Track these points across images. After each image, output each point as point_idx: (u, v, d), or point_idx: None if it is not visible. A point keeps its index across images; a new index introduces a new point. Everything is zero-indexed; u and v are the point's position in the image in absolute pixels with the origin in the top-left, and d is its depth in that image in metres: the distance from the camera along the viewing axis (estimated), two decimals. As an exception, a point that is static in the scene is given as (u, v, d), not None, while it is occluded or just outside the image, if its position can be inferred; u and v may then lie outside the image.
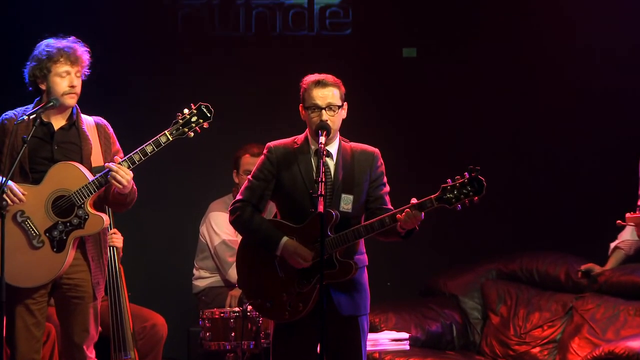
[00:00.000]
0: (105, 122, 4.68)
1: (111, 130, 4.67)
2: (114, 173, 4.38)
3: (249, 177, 4.56)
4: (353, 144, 4.56)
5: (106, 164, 4.44)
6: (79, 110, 4.61)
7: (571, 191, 6.94)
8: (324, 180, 4.14)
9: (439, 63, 7.10)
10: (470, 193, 4.21)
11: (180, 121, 4.45)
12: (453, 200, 4.23)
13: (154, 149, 4.41)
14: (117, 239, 5.39)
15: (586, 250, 6.37)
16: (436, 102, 7.10)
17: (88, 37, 4.66)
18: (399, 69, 7.14)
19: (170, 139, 4.44)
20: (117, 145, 4.66)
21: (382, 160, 4.55)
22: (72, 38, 4.57)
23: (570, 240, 6.69)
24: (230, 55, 7.01)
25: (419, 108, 7.11)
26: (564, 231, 6.85)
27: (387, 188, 4.55)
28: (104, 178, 4.42)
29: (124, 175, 4.38)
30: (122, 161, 4.43)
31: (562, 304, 6.20)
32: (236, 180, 6.09)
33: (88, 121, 4.62)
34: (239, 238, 4.61)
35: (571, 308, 6.13)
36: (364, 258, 4.53)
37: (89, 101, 4.68)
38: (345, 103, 4.48)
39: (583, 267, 6.18)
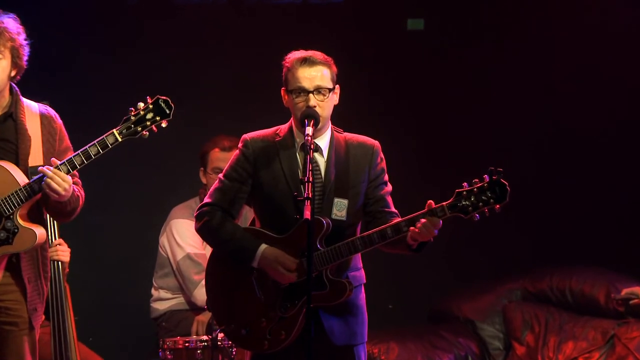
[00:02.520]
0: (53, 112, 4.58)
1: (59, 122, 4.58)
2: (48, 180, 4.30)
3: (220, 176, 4.54)
4: (348, 135, 4.55)
5: (40, 167, 4.35)
6: (20, 97, 4.51)
7: (611, 196, 6.99)
8: (311, 180, 4.12)
9: (452, 37, 7.12)
10: (491, 200, 4.21)
11: (133, 118, 4.39)
12: (470, 208, 4.23)
13: (98, 152, 4.35)
14: (62, 252, 5.34)
15: (630, 265, 6.44)
16: (449, 86, 7.10)
17: (26, 11, 4.66)
18: (403, 45, 7.14)
19: (120, 140, 4.38)
20: (67, 143, 4.57)
21: (382, 155, 4.54)
22: None
23: (611, 254, 6.73)
24: (198, 28, 7.00)
25: (427, 94, 7.10)
26: (602, 243, 6.88)
27: (389, 187, 4.55)
28: (38, 184, 4.34)
29: (61, 183, 4.30)
30: (59, 164, 4.34)
31: (601, 332, 6.24)
32: (204, 181, 6.08)
33: (31, 109, 4.52)
34: (208, 251, 4.61)
35: (612, 336, 6.18)
36: (360, 275, 4.53)
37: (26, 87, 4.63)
38: (337, 86, 4.47)
39: (624, 292, 6.22)
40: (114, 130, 4.39)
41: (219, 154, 5.99)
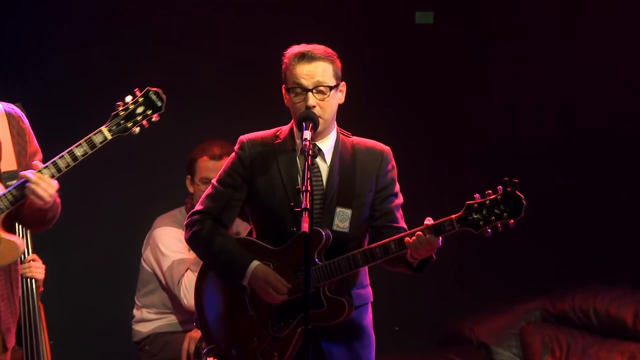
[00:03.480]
0: (19, 111, 4.54)
1: (27, 122, 4.54)
2: (32, 185, 4.26)
3: (213, 181, 4.56)
4: (357, 140, 4.56)
5: (22, 172, 4.32)
6: None
7: (637, 207, 6.97)
8: (309, 189, 4.11)
9: (465, 32, 7.10)
10: (505, 214, 4.20)
11: (122, 113, 4.39)
12: (481, 222, 4.22)
13: (86, 152, 4.33)
14: (36, 269, 5.31)
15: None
16: (461, 86, 7.08)
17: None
18: (411, 40, 7.12)
19: (109, 138, 4.37)
20: (35, 145, 4.54)
21: (394, 163, 4.55)
22: None
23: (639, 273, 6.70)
24: (187, 20, 6.99)
25: (437, 94, 7.09)
26: (629, 260, 6.84)
27: (400, 200, 4.55)
28: (20, 191, 4.30)
29: (47, 188, 4.27)
30: (43, 168, 4.31)
31: (628, 356, 6.21)
32: (191, 190, 6.06)
33: None
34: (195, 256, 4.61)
35: (642, 361, 6.17)
36: (366, 293, 4.54)
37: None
38: (342, 83, 4.48)
39: None
40: (103, 128, 4.36)
41: (207, 163, 5.97)
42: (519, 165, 5.41)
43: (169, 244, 6.01)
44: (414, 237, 4.22)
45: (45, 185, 4.26)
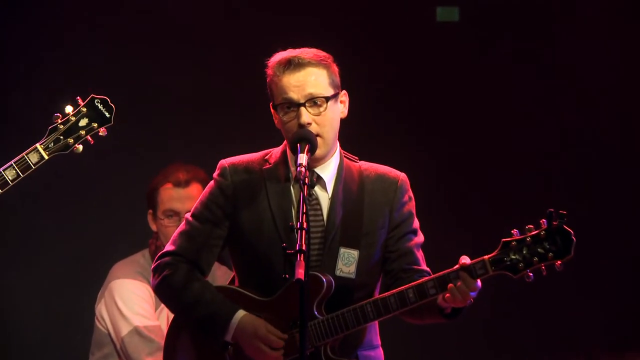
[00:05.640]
0: None
1: None
2: None
3: (188, 215, 4.56)
4: (365, 165, 4.57)
5: None
6: None
7: None
8: (306, 226, 4.03)
9: (495, 31, 7.11)
10: (550, 253, 4.20)
11: (61, 126, 4.41)
12: (521, 264, 4.22)
13: (18, 176, 4.35)
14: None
15: None
16: (491, 95, 7.08)
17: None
18: (431, 41, 7.12)
19: (46, 158, 4.40)
20: None
21: (411, 193, 4.55)
22: None
23: None
24: (155, 17, 6.99)
25: (463, 107, 7.08)
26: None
27: (420, 237, 4.56)
28: None
29: None
30: None
31: None
32: (153, 227, 6.01)
33: None
34: (164, 319, 4.57)
35: None
36: (376, 355, 4.54)
37: None
38: (343, 92, 4.49)
39: None
40: (38, 145, 4.41)
41: (171, 192, 5.92)
42: (566, 193, 5.35)
43: (131, 302, 5.95)
44: (450, 287, 4.20)
45: None
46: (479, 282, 4.22)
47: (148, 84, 6.82)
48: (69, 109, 4.42)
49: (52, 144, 4.39)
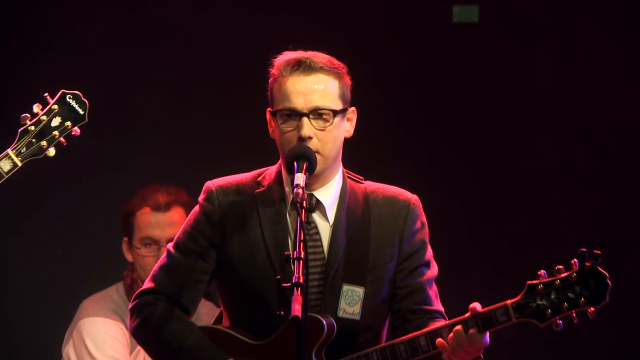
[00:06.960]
0: None
1: None
2: None
3: (169, 246, 4.55)
4: (371, 187, 4.57)
5: None
6: None
7: None
8: (303, 256, 4.02)
9: (518, 32, 7.17)
10: (582, 299, 4.19)
11: (32, 128, 4.51)
12: (549, 311, 4.21)
13: None
14: None
15: None
16: (514, 103, 7.15)
17: None
18: (448, 43, 7.21)
19: (20, 165, 4.48)
20: None
21: (424, 218, 4.56)
22: None
23: None
24: (145, 15, 7.13)
25: (482, 121, 7.17)
26: None
27: (434, 271, 4.56)
28: None
29: None
30: None
31: None
32: (129, 258, 6.09)
33: None
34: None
35: None
36: None
37: None
38: (352, 109, 4.50)
39: None
40: (9, 151, 4.52)
41: (149, 217, 6.00)
42: (600, 222, 5.29)
43: (103, 344, 5.98)
44: (451, 334, 4.20)
45: None
46: (487, 336, 4.21)
47: (124, 94, 6.90)
48: (37, 107, 4.49)
49: (24, 148, 4.49)
